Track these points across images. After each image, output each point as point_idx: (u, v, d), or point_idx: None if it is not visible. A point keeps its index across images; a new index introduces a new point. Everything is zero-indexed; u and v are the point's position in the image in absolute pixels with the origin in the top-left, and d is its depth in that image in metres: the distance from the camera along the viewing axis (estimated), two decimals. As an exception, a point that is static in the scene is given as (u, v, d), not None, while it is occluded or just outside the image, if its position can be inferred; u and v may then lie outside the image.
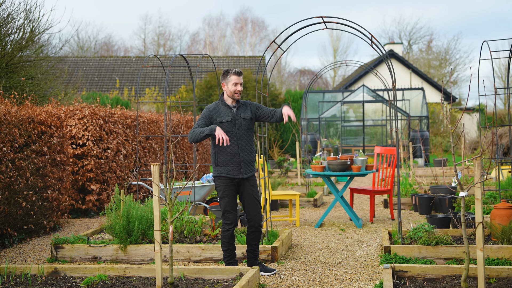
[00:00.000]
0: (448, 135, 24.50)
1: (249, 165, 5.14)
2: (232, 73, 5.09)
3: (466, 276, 4.11)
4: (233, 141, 5.06)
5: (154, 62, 28.61)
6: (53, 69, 13.83)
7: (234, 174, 5.07)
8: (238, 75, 5.12)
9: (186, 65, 9.74)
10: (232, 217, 5.07)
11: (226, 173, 5.08)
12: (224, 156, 5.07)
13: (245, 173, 5.10)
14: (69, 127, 8.89)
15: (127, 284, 4.65)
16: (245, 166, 5.09)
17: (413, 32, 40.57)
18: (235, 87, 5.09)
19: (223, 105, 5.15)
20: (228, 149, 5.07)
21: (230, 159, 5.06)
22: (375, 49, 6.41)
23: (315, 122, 20.64)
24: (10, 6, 11.95)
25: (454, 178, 3.82)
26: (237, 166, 5.06)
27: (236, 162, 5.06)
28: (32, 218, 7.07)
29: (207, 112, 5.13)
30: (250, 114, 5.18)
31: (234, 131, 5.08)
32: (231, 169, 5.07)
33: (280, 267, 5.46)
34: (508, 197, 8.23)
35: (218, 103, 5.18)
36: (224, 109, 5.12)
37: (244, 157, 5.09)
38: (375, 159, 8.47)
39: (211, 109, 5.14)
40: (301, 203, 9.65)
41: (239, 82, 5.10)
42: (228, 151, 5.07)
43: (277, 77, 41.58)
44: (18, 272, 5.00)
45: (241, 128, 5.11)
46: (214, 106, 5.17)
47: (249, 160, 5.13)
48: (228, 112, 5.10)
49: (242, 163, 5.07)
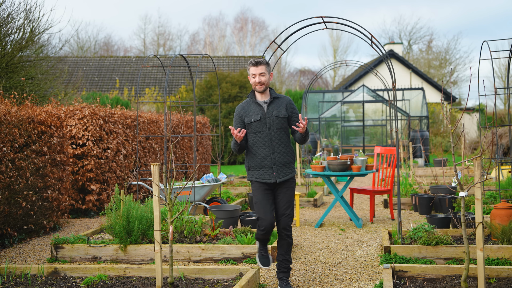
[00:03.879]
0: (448, 135, 24.50)
1: (284, 168, 4.67)
2: (249, 64, 4.68)
3: (466, 276, 4.11)
4: (264, 143, 4.62)
5: (154, 62, 28.60)
6: (53, 69, 13.83)
7: (266, 178, 4.64)
8: (255, 65, 4.66)
9: (186, 65, 9.74)
10: (265, 223, 4.60)
11: (257, 177, 4.68)
12: (254, 159, 4.68)
13: (278, 177, 4.64)
14: (69, 127, 8.89)
15: (127, 284, 4.65)
16: (278, 169, 4.64)
17: (413, 32, 40.59)
18: (254, 79, 4.66)
19: (253, 102, 4.70)
20: (259, 151, 4.64)
21: (261, 162, 4.64)
22: (375, 49, 6.41)
23: (315, 122, 20.64)
24: (10, 6, 11.96)
25: (454, 178, 3.81)
26: (269, 170, 4.64)
27: (268, 166, 4.63)
28: (32, 218, 7.07)
29: (237, 116, 4.73)
30: (284, 111, 4.68)
31: (265, 131, 4.62)
32: (262, 173, 4.66)
33: (280, 267, 5.46)
34: (508, 197, 8.23)
35: (249, 101, 4.75)
36: (254, 107, 4.68)
37: (277, 160, 4.63)
38: (375, 159, 8.47)
39: (239, 110, 4.73)
40: (301, 203, 9.65)
41: (257, 73, 4.64)
42: (258, 154, 4.65)
43: (277, 77, 41.59)
44: (18, 272, 5.00)
45: (273, 127, 4.63)
46: (243, 105, 4.74)
47: (283, 163, 4.66)
48: (258, 110, 4.66)
49: (274, 166, 4.63)
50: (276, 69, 40.77)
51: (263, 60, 4.69)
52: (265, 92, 4.72)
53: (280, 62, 42.00)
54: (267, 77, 4.67)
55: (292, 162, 4.74)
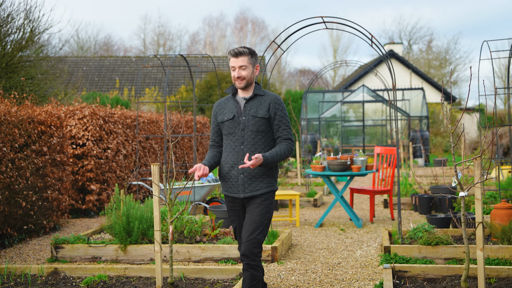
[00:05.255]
0: (448, 135, 24.50)
1: (255, 182, 3.73)
2: (229, 55, 3.79)
3: (466, 276, 4.11)
4: (234, 147, 3.78)
5: (154, 62, 28.61)
6: (53, 69, 13.84)
7: (233, 191, 3.79)
8: (235, 56, 3.76)
9: (186, 65, 9.74)
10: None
11: (226, 190, 3.85)
12: (223, 167, 3.83)
13: (244, 191, 3.74)
14: (69, 127, 8.89)
15: (127, 284, 4.65)
16: (246, 182, 3.73)
17: (413, 32, 40.58)
18: (234, 72, 3.79)
19: (232, 98, 3.90)
20: (228, 157, 3.81)
21: (228, 171, 3.78)
22: (375, 49, 6.41)
23: (315, 122, 20.64)
24: (10, 6, 11.96)
25: (454, 178, 3.80)
26: (236, 181, 3.76)
27: (234, 176, 3.76)
28: (32, 218, 7.07)
29: (213, 114, 3.96)
30: (265, 111, 3.77)
31: (237, 133, 3.77)
32: (230, 185, 3.80)
33: (280, 267, 5.46)
34: (508, 197, 8.23)
35: (228, 97, 3.94)
36: (231, 103, 3.86)
37: (246, 169, 3.74)
38: (375, 159, 8.47)
39: (215, 108, 3.96)
40: (301, 203, 9.65)
41: (237, 65, 3.76)
42: (227, 161, 3.81)
43: (277, 77, 41.59)
44: (18, 272, 5.00)
45: (247, 129, 3.76)
46: (221, 102, 3.96)
47: (254, 175, 3.73)
48: (233, 107, 3.83)
49: (241, 177, 3.74)
50: (276, 69, 40.78)
51: (246, 50, 3.77)
52: (248, 89, 3.85)
53: (280, 62, 42.00)
54: (250, 71, 3.78)
55: (269, 175, 3.77)
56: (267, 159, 3.64)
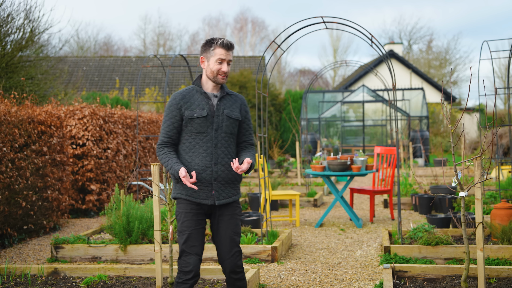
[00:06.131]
0: (448, 135, 24.50)
1: (228, 187, 3.45)
2: (217, 45, 3.39)
3: (466, 276, 4.11)
4: (206, 148, 3.40)
5: (154, 62, 28.61)
6: (53, 69, 13.84)
7: (201, 197, 3.40)
8: (227, 49, 3.41)
9: (186, 65, 9.74)
10: (193, 262, 3.36)
11: (189, 194, 3.41)
12: (189, 169, 3.40)
13: (218, 198, 3.41)
14: (69, 127, 8.89)
15: (127, 284, 4.65)
16: (220, 187, 3.41)
17: (413, 32, 40.59)
18: (220, 65, 3.41)
19: (198, 92, 3.47)
20: (197, 159, 3.40)
21: (198, 174, 3.38)
22: (375, 49, 6.41)
23: (315, 122, 20.64)
24: (10, 6, 11.96)
25: (454, 178, 3.80)
26: (207, 187, 3.39)
27: (206, 180, 3.38)
28: (32, 218, 7.07)
29: (174, 106, 3.43)
30: (238, 112, 3.51)
31: (210, 133, 3.41)
32: (198, 189, 3.39)
33: (280, 267, 5.46)
34: (508, 197, 8.23)
35: (192, 90, 3.49)
36: (199, 98, 3.45)
37: (220, 174, 3.41)
38: (375, 159, 8.47)
39: (178, 100, 3.44)
40: (301, 203, 9.65)
41: (226, 59, 3.40)
42: (196, 162, 3.39)
43: (277, 77, 41.59)
44: (18, 272, 5.00)
45: (221, 129, 3.43)
46: (183, 94, 3.46)
47: (228, 180, 3.44)
48: (204, 103, 3.43)
49: (215, 183, 3.40)
50: (276, 69, 40.77)
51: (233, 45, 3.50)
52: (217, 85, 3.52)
53: (280, 62, 42.00)
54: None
55: (239, 180, 3.53)
56: (253, 164, 3.44)
